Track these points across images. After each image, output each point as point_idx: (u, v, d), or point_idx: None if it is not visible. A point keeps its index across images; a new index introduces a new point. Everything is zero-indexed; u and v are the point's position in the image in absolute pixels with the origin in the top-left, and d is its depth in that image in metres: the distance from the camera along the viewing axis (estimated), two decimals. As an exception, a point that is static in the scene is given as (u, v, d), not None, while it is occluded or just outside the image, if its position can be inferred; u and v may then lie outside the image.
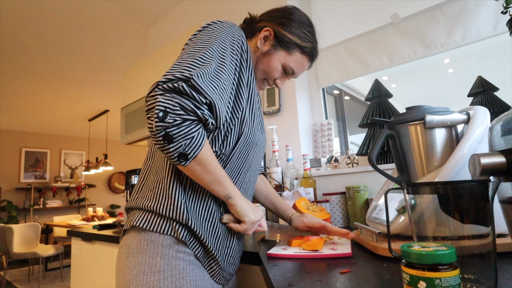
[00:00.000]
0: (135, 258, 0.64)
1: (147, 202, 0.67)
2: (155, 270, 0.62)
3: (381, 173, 0.79)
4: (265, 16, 0.82)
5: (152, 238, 0.64)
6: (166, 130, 0.55)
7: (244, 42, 0.71)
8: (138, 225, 0.65)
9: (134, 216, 0.68)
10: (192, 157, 0.59)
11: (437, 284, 0.34)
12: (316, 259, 0.73)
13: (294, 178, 1.47)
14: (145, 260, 0.63)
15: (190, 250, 0.65)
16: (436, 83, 2.69)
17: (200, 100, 0.57)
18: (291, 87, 1.70)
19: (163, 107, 0.55)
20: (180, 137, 0.56)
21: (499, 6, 1.18)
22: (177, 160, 0.58)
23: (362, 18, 1.64)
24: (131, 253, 0.65)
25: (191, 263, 0.65)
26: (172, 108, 0.55)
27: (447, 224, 0.45)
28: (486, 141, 0.69)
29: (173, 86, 0.56)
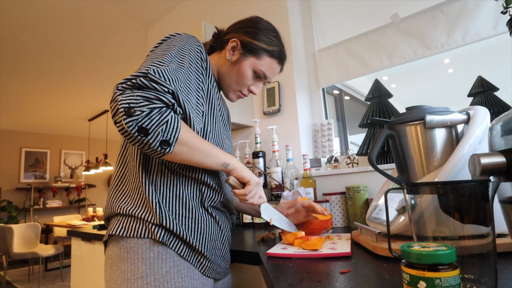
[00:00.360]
0: (118, 267, 0.64)
1: (122, 205, 0.67)
2: (138, 276, 0.61)
3: (381, 173, 0.79)
4: (231, 29, 0.85)
5: (131, 244, 0.64)
6: (138, 124, 0.54)
7: (203, 52, 0.73)
8: (115, 233, 0.65)
9: (111, 225, 0.68)
10: (174, 140, 0.57)
11: (437, 284, 0.34)
12: (316, 258, 0.73)
13: (294, 178, 1.47)
14: (127, 267, 0.63)
15: (172, 251, 0.65)
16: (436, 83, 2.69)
17: (162, 90, 0.57)
18: (291, 87, 1.70)
19: (126, 103, 0.54)
20: (154, 126, 0.55)
21: (499, 6, 1.18)
22: (161, 149, 0.57)
23: (362, 18, 1.64)
24: (114, 263, 0.65)
25: (175, 264, 0.64)
26: (135, 102, 0.54)
27: (447, 224, 0.45)
28: (486, 141, 0.69)
29: (131, 83, 0.56)
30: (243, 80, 0.82)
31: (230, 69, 0.82)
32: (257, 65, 0.81)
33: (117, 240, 0.66)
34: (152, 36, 2.80)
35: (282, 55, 0.86)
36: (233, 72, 0.81)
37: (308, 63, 1.85)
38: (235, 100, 0.88)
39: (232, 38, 0.81)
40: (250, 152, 1.71)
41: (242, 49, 0.80)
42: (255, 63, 0.81)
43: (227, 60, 0.81)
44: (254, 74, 0.83)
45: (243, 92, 0.85)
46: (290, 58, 1.72)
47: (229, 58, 0.81)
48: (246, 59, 0.80)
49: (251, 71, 0.82)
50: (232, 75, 0.82)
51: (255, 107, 1.84)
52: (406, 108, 0.80)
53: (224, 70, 0.82)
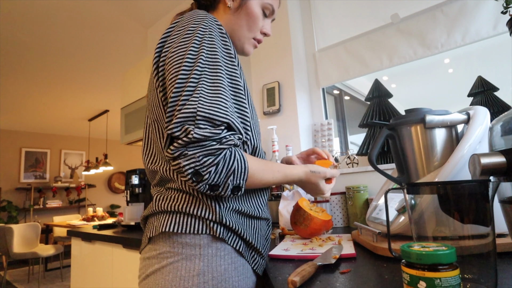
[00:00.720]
0: (169, 262, 0.58)
1: (175, 203, 0.61)
2: (194, 273, 0.56)
3: (381, 173, 0.79)
4: None
5: (187, 240, 0.59)
6: (208, 183, 0.53)
7: (228, 39, 0.66)
8: (167, 230, 0.59)
9: (160, 221, 0.61)
10: (243, 183, 0.57)
11: (437, 284, 0.34)
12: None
13: (294, 178, 1.47)
14: (181, 263, 0.57)
15: (230, 247, 0.61)
16: (436, 83, 2.69)
17: (217, 132, 0.53)
18: (291, 87, 1.70)
19: (191, 169, 0.52)
20: (223, 180, 0.54)
21: (499, 6, 1.18)
22: (233, 194, 0.57)
23: (362, 18, 1.64)
24: (164, 259, 0.59)
25: (233, 261, 0.61)
26: (200, 164, 0.52)
27: (447, 224, 0.45)
28: (486, 141, 0.69)
29: (187, 139, 0.51)
30: (255, 22, 0.74)
31: (236, 17, 0.74)
32: (262, 0, 0.75)
33: (169, 236, 0.60)
34: (152, 36, 2.80)
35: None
36: (242, 18, 0.74)
37: (308, 63, 1.85)
38: (251, 52, 0.80)
39: None
40: (250, 152, 1.71)
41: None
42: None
43: (228, 9, 0.74)
44: (263, 12, 0.76)
45: (257, 38, 0.78)
46: (290, 58, 1.73)
47: (231, 5, 0.73)
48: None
49: (260, 9, 0.75)
50: (241, 23, 0.74)
51: (255, 107, 1.83)
52: (405, 111, 0.80)
53: (230, 22, 0.74)
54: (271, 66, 1.80)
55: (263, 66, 1.84)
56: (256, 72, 1.87)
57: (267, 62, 1.82)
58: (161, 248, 0.60)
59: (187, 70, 0.56)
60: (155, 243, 0.61)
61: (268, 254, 0.79)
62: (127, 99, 2.14)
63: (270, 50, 1.81)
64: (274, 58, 1.79)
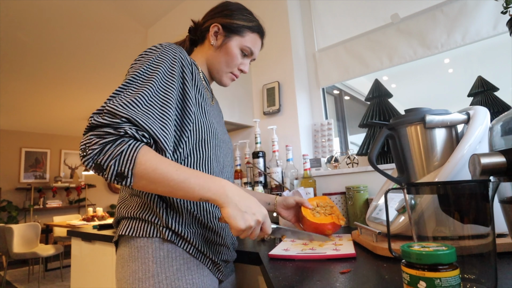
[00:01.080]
0: (129, 267, 0.64)
1: (130, 210, 0.69)
2: (149, 275, 0.62)
3: (381, 173, 0.79)
4: (207, 17, 0.89)
5: (141, 244, 0.65)
6: (94, 161, 0.54)
7: (183, 56, 0.72)
8: (125, 233, 0.66)
9: (121, 226, 0.69)
10: (129, 173, 0.55)
11: (437, 284, 0.34)
12: (318, 260, 0.72)
13: (294, 178, 1.47)
14: (138, 266, 0.63)
15: (181, 249, 0.66)
16: (436, 83, 2.69)
17: (113, 122, 0.56)
18: (291, 87, 1.70)
19: (83, 145, 0.55)
20: (107, 160, 0.54)
21: (499, 6, 1.18)
22: (117, 182, 0.56)
23: (362, 18, 1.64)
24: (125, 263, 0.65)
25: (186, 261, 0.65)
26: (89, 142, 0.55)
27: (447, 224, 0.45)
28: (486, 141, 0.69)
29: (88, 125, 0.56)
30: (233, 60, 0.84)
31: (217, 54, 0.84)
32: (242, 42, 0.84)
33: (127, 240, 0.67)
34: (152, 36, 2.80)
35: (261, 29, 0.89)
36: (221, 56, 0.84)
37: (308, 63, 1.85)
38: (228, 84, 0.89)
39: (212, 24, 0.84)
40: (250, 152, 1.71)
41: (225, 31, 0.83)
42: (240, 41, 0.84)
43: (211, 46, 0.84)
44: (242, 53, 0.86)
45: (234, 73, 0.87)
46: (290, 58, 1.73)
47: (214, 43, 0.84)
48: (230, 39, 0.83)
49: (238, 50, 0.84)
50: (220, 59, 0.84)
51: (255, 107, 1.84)
52: (405, 111, 0.80)
53: (212, 57, 0.85)
54: (271, 66, 1.80)
55: (263, 66, 1.84)
56: (256, 72, 1.87)
57: (267, 62, 1.82)
58: (123, 252, 0.67)
59: (126, 78, 0.64)
60: (119, 247, 0.70)
61: (268, 254, 0.80)
62: (127, 99, 2.14)
63: (270, 50, 1.81)
64: (274, 58, 1.79)
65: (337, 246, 0.81)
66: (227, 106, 1.62)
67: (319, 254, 0.73)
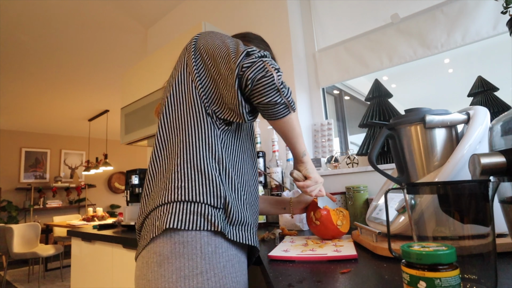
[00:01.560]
0: (171, 264, 0.58)
1: (171, 193, 0.62)
2: (197, 272, 0.58)
3: (381, 173, 0.79)
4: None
5: (188, 238, 0.59)
6: (279, 81, 0.63)
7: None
8: (169, 226, 0.59)
9: (158, 218, 0.62)
10: (293, 104, 0.67)
11: (437, 284, 0.34)
12: (319, 261, 0.71)
13: (294, 178, 1.47)
14: (183, 263, 0.58)
15: (227, 242, 0.63)
16: (436, 83, 2.69)
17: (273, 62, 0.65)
18: (291, 87, 1.70)
19: (272, 67, 0.63)
20: (285, 87, 0.65)
21: (499, 6, 1.18)
22: (288, 110, 0.67)
23: (362, 18, 1.64)
24: (165, 260, 0.59)
25: (230, 258, 0.63)
26: (275, 66, 0.64)
27: (447, 224, 0.45)
28: (486, 141, 0.69)
29: (260, 55, 0.65)
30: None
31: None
32: None
33: (170, 234, 0.60)
34: (152, 36, 2.80)
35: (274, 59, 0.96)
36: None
37: (308, 63, 1.85)
38: None
39: None
40: (250, 152, 1.71)
41: None
42: None
43: None
44: None
45: None
46: (290, 58, 1.72)
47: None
48: None
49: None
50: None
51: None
52: (405, 111, 0.80)
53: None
54: (271, 66, 1.80)
55: (263, 66, 1.83)
56: (256, 72, 1.87)
57: (267, 62, 1.82)
58: (162, 249, 0.60)
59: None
60: (154, 243, 0.61)
61: (268, 255, 0.79)
62: (127, 99, 2.14)
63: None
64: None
65: (337, 247, 0.80)
66: (227, 106, 1.62)
67: (319, 255, 0.73)
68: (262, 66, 0.63)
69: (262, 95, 0.63)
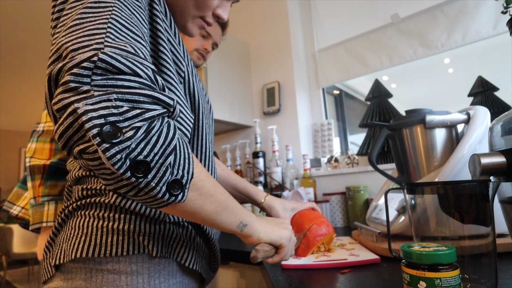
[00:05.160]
0: None
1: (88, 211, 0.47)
2: None
3: (381, 173, 0.79)
4: None
5: (109, 266, 0.44)
6: (131, 155, 0.30)
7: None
8: (81, 256, 0.44)
9: (71, 240, 0.46)
10: (188, 180, 0.35)
11: (437, 284, 0.34)
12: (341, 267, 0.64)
13: (294, 178, 1.47)
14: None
15: (172, 260, 0.49)
16: (436, 83, 2.69)
17: (148, 76, 0.34)
18: (291, 87, 1.70)
19: (98, 117, 0.28)
20: (157, 156, 0.31)
21: (499, 6, 1.18)
22: (169, 197, 0.34)
23: (362, 18, 1.64)
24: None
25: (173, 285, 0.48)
26: (116, 111, 0.29)
27: (447, 224, 0.45)
28: (486, 141, 0.69)
29: (87, 66, 0.30)
30: (206, 1, 0.56)
31: None
32: None
33: (83, 262, 0.45)
34: (152, 36, 2.80)
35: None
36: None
37: (308, 63, 1.85)
38: (196, 34, 0.61)
39: None
40: (250, 152, 1.71)
41: None
42: None
43: None
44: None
45: (206, 19, 0.58)
46: (290, 58, 1.73)
47: None
48: None
49: None
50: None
51: (255, 107, 1.84)
52: (406, 111, 0.80)
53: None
54: (271, 66, 1.80)
55: (263, 66, 1.84)
56: (256, 72, 1.87)
57: (267, 62, 1.82)
58: (73, 278, 0.45)
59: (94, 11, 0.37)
60: (65, 272, 0.46)
61: (282, 265, 0.68)
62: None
63: (270, 50, 1.81)
64: (274, 58, 1.79)
65: (350, 251, 0.74)
66: (227, 106, 1.62)
67: (339, 261, 0.65)
68: (69, 120, 0.29)
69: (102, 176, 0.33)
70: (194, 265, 0.52)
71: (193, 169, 0.36)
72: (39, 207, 0.76)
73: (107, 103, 0.29)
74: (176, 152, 0.34)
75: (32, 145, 0.79)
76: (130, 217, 0.46)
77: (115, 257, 0.44)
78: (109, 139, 0.28)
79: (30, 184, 0.77)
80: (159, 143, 0.32)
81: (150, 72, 0.34)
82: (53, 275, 0.47)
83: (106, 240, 0.44)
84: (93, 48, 0.31)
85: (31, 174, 0.77)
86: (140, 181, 0.31)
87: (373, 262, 0.64)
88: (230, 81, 1.68)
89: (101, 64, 0.30)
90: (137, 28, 0.39)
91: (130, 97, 0.30)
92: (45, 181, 0.77)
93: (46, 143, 0.79)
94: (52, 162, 0.78)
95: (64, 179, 0.80)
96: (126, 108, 0.30)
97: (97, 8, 0.36)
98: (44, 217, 0.75)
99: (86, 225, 0.46)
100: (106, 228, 0.45)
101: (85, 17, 0.35)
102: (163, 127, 0.33)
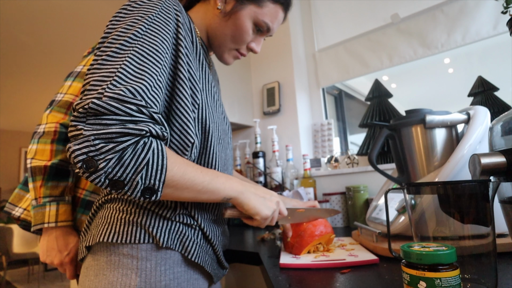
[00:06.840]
0: (105, 276, 0.53)
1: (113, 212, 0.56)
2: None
3: (381, 173, 0.79)
4: None
5: (124, 251, 0.53)
6: (108, 177, 0.42)
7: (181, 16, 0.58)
8: (104, 240, 0.53)
9: (98, 227, 0.56)
10: (160, 185, 0.45)
11: (437, 284, 0.34)
12: (339, 267, 0.64)
13: (294, 178, 1.47)
14: (117, 278, 0.52)
15: (178, 253, 0.56)
16: (436, 83, 2.69)
17: (129, 111, 0.43)
18: (291, 87, 1.70)
19: (81, 154, 0.40)
20: (130, 175, 0.43)
21: (499, 6, 1.18)
22: (144, 198, 0.46)
23: (362, 18, 1.64)
24: (101, 270, 0.54)
25: (176, 276, 0.55)
26: (94, 148, 0.41)
27: (447, 224, 0.45)
28: (486, 141, 0.69)
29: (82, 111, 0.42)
30: (242, 35, 0.65)
31: (223, 22, 0.65)
32: (258, 15, 0.64)
33: (107, 245, 0.55)
34: (152, 36, 2.80)
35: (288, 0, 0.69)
36: (228, 26, 0.65)
37: (308, 63, 1.85)
38: (231, 62, 0.72)
39: None
40: (250, 152, 1.71)
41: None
42: (255, 13, 0.64)
43: (218, 10, 0.64)
44: (255, 27, 0.66)
45: (241, 51, 0.69)
46: (290, 58, 1.72)
47: (221, 7, 0.64)
48: (244, 7, 0.63)
49: (251, 23, 0.65)
50: (226, 31, 0.65)
51: (255, 107, 1.84)
52: (406, 111, 0.80)
53: (216, 25, 0.66)
54: (271, 66, 1.80)
55: (263, 66, 1.84)
56: (256, 72, 1.87)
57: (267, 62, 1.82)
58: (99, 257, 0.55)
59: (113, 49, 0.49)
60: (93, 252, 0.56)
61: (280, 263, 0.69)
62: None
63: (270, 50, 1.80)
64: (274, 58, 1.79)
65: (350, 251, 0.74)
66: (227, 106, 1.62)
67: (337, 261, 0.65)
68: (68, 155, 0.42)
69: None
70: (197, 258, 0.58)
71: (165, 176, 0.46)
72: (40, 208, 0.75)
73: (87, 143, 0.40)
74: (148, 167, 0.44)
75: (33, 146, 0.79)
76: (143, 212, 0.55)
77: (129, 244, 0.53)
78: (89, 169, 0.41)
79: (32, 185, 0.77)
80: (131, 165, 0.43)
81: (135, 107, 0.44)
82: (86, 256, 0.58)
83: (123, 230, 0.54)
84: (98, 93, 0.43)
85: (33, 175, 0.77)
86: (119, 191, 0.44)
87: (372, 263, 0.64)
88: (230, 81, 1.68)
89: (92, 108, 0.41)
90: (151, 63, 0.49)
91: (104, 136, 0.41)
92: (46, 182, 0.77)
93: (47, 144, 0.79)
94: (53, 163, 0.77)
95: (65, 180, 0.79)
96: (102, 145, 0.41)
97: (117, 54, 0.47)
98: (46, 218, 0.75)
99: (110, 216, 0.56)
100: (125, 220, 0.54)
101: (104, 62, 0.46)
102: (137, 150, 0.43)
